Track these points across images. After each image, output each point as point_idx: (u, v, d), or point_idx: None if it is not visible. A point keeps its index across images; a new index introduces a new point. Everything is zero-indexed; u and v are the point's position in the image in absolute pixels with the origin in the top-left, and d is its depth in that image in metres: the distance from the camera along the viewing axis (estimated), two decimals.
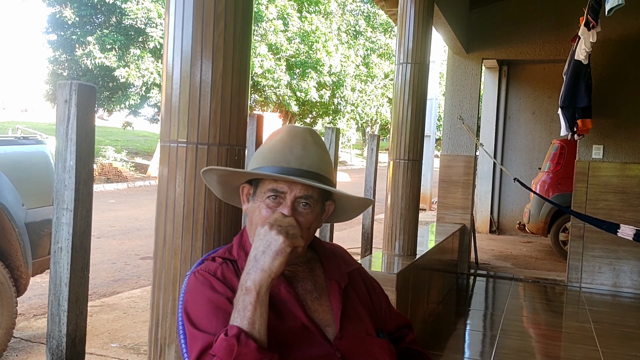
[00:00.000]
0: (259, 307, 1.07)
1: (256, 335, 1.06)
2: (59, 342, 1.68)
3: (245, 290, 1.08)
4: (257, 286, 1.07)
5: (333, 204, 1.36)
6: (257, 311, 1.06)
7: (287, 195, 1.23)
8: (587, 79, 4.95)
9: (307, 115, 22.45)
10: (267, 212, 1.24)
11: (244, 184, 1.33)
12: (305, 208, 1.24)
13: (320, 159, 1.27)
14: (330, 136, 4.02)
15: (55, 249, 1.70)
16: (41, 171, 3.93)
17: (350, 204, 1.40)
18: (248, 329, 1.06)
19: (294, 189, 1.23)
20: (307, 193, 1.24)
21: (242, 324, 1.06)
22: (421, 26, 3.77)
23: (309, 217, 1.25)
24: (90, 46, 15.40)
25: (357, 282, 1.39)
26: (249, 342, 1.04)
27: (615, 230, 4.79)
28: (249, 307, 1.06)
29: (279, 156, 1.25)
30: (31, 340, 3.98)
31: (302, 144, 1.27)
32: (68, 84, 1.66)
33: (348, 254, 1.45)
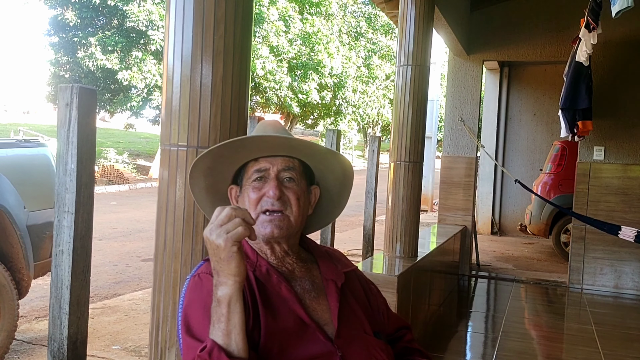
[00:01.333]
0: (233, 316, 1.05)
1: (232, 347, 1.05)
2: (60, 345, 1.68)
3: (218, 302, 1.06)
4: (228, 296, 1.05)
5: (318, 188, 1.39)
6: (230, 321, 1.05)
7: (270, 170, 1.28)
8: (587, 81, 4.95)
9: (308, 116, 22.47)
10: (254, 194, 1.27)
11: (230, 186, 1.35)
12: (290, 183, 1.29)
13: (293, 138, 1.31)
14: (331, 137, 4.03)
15: (57, 252, 1.70)
16: (43, 174, 3.94)
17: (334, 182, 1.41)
18: (223, 342, 1.05)
19: (275, 163, 1.29)
20: (288, 165, 1.29)
21: (217, 336, 1.06)
22: (422, 28, 3.78)
23: (296, 189, 1.29)
24: (92, 48, 15.43)
25: (354, 283, 1.40)
26: (221, 357, 1.04)
27: (617, 232, 4.78)
28: (222, 318, 1.05)
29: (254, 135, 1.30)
30: (33, 342, 3.99)
31: (274, 129, 1.32)
32: (69, 87, 1.66)
33: (344, 257, 1.46)
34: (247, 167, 1.31)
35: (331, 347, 1.22)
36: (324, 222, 1.49)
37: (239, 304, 1.06)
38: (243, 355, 1.06)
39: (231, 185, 1.35)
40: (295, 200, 1.27)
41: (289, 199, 1.27)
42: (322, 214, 1.46)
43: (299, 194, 1.29)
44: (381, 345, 1.33)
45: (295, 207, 1.28)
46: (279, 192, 1.26)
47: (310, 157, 1.34)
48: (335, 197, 1.44)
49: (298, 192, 1.29)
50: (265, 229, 1.26)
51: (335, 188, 1.43)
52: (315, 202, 1.39)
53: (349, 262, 1.45)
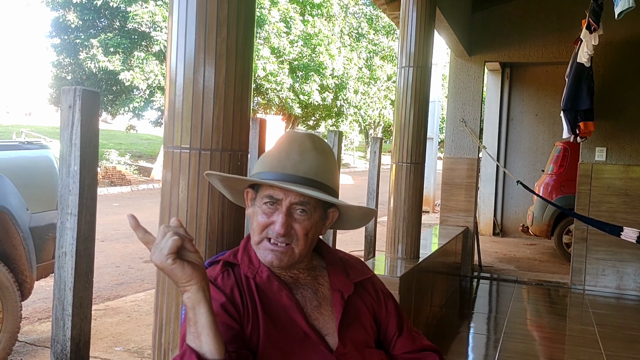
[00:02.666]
0: (199, 318, 1.06)
1: (204, 348, 1.06)
2: (63, 346, 1.69)
3: (185, 307, 1.08)
4: (190, 301, 1.07)
5: (337, 211, 1.34)
6: (198, 324, 1.06)
7: (282, 201, 1.23)
8: (589, 82, 4.95)
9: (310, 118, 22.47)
10: (262, 218, 1.25)
11: (247, 189, 1.33)
12: (302, 215, 1.24)
13: (318, 165, 1.26)
14: (333, 139, 4.03)
15: (60, 254, 1.71)
16: (45, 175, 3.95)
17: (353, 214, 1.38)
18: (195, 345, 1.06)
19: (289, 195, 1.23)
20: (303, 200, 1.24)
21: (190, 340, 1.07)
22: (423, 29, 3.78)
23: (306, 223, 1.25)
24: (94, 50, 15.46)
25: (368, 291, 1.37)
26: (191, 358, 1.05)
27: (619, 233, 4.78)
28: (191, 322, 1.06)
29: (276, 162, 1.26)
30: (35, 344, 4.00)
31: (300, 150, 1.26)
32: (72, 90, 1.67)
33: (361, 264, 1.43)
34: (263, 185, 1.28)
35: (331, 357, 1.21)
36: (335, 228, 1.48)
37: (201, 305, 1.06)
38: (216, 356, 1.05)
39: (248, 188, 1.34)
40: (303, 236, 1.24)
41: (297, 232, 1.24)
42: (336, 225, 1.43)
43: (309, 228, 1.25)
44: (382, 356, 1.33)
45: (302, 241, 1.24)
46: (286, 229, 1.22)
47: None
48: (353, 219, 1.41)
49: (307, 227, 1.25)
50: (266, 257, 1.24)
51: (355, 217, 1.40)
52: (331, 222, 1.35)
53: (366, 270, 1.41)
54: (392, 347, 1.37)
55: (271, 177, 1.24)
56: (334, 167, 1.32)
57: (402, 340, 1.38)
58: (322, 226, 1.32)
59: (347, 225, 1.44)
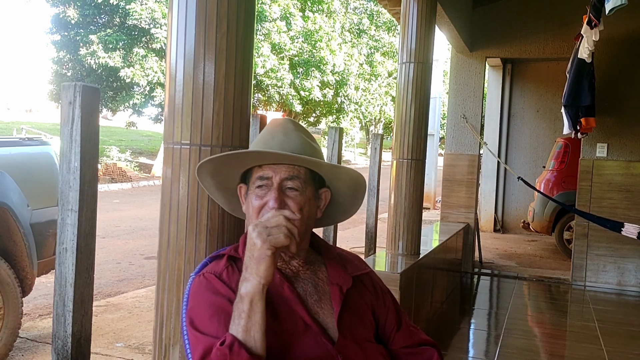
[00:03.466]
0: (254, 314, 1.07)
1: (251, 343, 1.06)
2: (64, 342, 1.69)
3: (240, 298, 1.08)
4: (250, 294, 1.07)
5: (329, 191, 1.35)
6: (251, 319, 1.06)
7: (273, 179, 1.24)
8: (590, 78, 4.95)
9: (310, 114, 22.44)
10: (256, 201, 1.25)
11: (240, 185, 1.34)
12: (293, 192, 1.25)
13: (302, 143, 1.28)
14: (333, 135, 4.02)
15: (60, 250, 1.71)
16: (46, 172, 3.95)
17: (344, 190, 1.38)
18: (242, 337, 1.06)
19: (278, 171, 1.24)
20: (292, 174, 1.25)
21: (237, 332, 1.07)
22: (424, 25, 3.77)
23: (299, 199, 1.25)
24: (94, 46, 15.44)
25: (366, 286, 1.38)
26: (241, 352, 1.04)
27: (619, 229, 4.78)
28: (243, 315, 1.07)
29: (262, 144, 1.27)
30: (37, 340, 4.01)
31: (284, 131, 1.29)
32: (72, 86, 1.66)
33: (359, 260, 1.43)
34: (252, 169, 1.29)
35: (333, 350, 1.21)
36: (334, 221, 1.47)
37: (260, 303, 1.07)
38: (261, 352, 1.06)
39: (240, 184, 1.34)
40: (297, 211, 1.24)
41: (291, 209, 1.24)
42: (334, 213, 1.43)
43: (302, 203, 1.25)
44: (381, 350, 1.33)
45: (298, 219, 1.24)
46: (279, 204, 1.22)
47: (316, 167, 1.30)
48: (347, 200, 1.41)
49: (301, 202, 1.25)
50: None
51: (347, 194, 1.39)
52: (325, 204, 1.35)
53: (363, 265, 1.42)
54: (390, 342, 1.38)
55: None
56: (319, 150, 1.33)
57: (400, 335, 1.39)
58: (316, 207, 1.32)
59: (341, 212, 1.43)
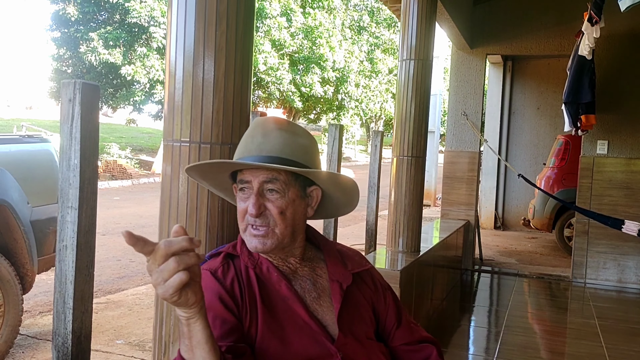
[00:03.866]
0: (194, 334, 1.00)
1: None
2: (64, 339, 1.69)
3: (178, 319, 1.01)
4: (184, 319, 0.99)
5: (319, 188, 1.31)
6: (193, 339, 1.00)
7: (252, 183, 1.22)
8: (590, 75, 4.94)
9: (311, 111, 22.45)
10: (240, 205, 1.25)
11: (234, 184, 1.32)
12: (273, 194, 1.22)
13: (283, 143, 1.23)
14: (334, 132, 4.02)
15: (60, 247, 1.71)
16: (46, 169, 3.95)
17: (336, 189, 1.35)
18: (188, 357, 1.02)
19: (257, 174, 1.22)
20: (271, 176, 1.22)
21: (183, 351, 1.03)
22: (424, 22, 3.76)
23: (279, 202, 1.22)
24: (94, 43, 15.43)
25: (366, 283, 1.37)
26: None
27: (620, 226, 4.78)
28: (185, 336, 1.01)
29: (242, 148, 1.26)
30: (37, 337, 4.01)
31: (263, 132, 1.25)
32: (72, 83, 1.66)
33: (359, 256, 1.42)
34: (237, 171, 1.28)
35: (332, 348, 1.21)
36: (335, 214, 1.45)
37: (198, 323, 0.99)
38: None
39: (234, 183, 1.33)
40: (277, 215, 1.21)
41: (272, 213, 1.22)
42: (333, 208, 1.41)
43: (284, 206, 1.22)
44: (382, 348, 1.33)
45: (279, 221, 1.22)
46: (257, 209, 1.20)
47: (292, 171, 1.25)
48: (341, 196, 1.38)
49: (282, 205, 1.22)
50: (251, 242, 1.23)
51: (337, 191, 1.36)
52: (317, 202, 1.32)
53: (364, 262, 1.40)
54: (390, 339, 1.38)
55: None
56: (307, 145, 1.28)
57: (400, 332, 1.39)
58: (305, 206, 1.29)
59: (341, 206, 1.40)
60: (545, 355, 3.86)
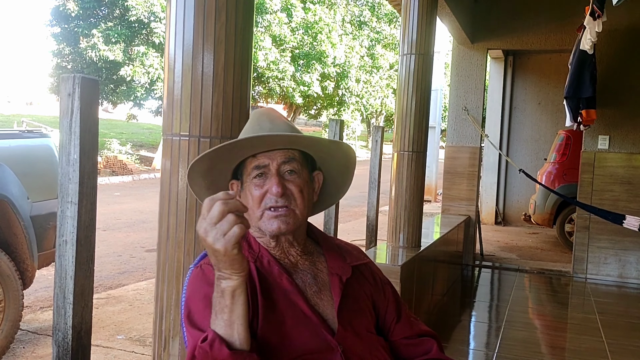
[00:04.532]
0: (236, 307, 1.03)
1: (234, 337, 1.04)
2: (65, 335, 1.69)
3: (221, 293, 1.04)
4: (232, 287, 1.03)
5: (321, 173, 1.35)
6: (234, 312, 1.03)
7: (270, 166, 1.23)
8: (592, 69, 4.92)
9: (311, 107, 22.42)
10: (257, 191, 1.24)
11: (231, 182, 1.31)
12: (292, 175, 1.25)
13: (290, 128, 1.27)
14: (334, 128, 4.01)
15: (61, 242, 1.70)
16: (46, 164, 3.94)
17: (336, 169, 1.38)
18: (225, 332, 1.04)
19: (274, 157, 1.24)
20: (289, 156, 1.24)
21: (219, 327, 1.04)
22: (425, 17, 3.75)
23: (298, 181, 1.25)
24: (95, 39, 15.39)
25: (366, 277, 1.37)
26: (222, 349, 1.02)
27: (621, 221, 4.77)
28: (226, 309, 1.03)
29: (251, 133, 1.25)
30: (37, 332, 4.02)
31: (269, 118, 1.27)
32: (71, 78, 1.65)
33: (358, 250, 1.43)
34: (245, 162, 1.27)
35: (332, 341, 1.21)
36: (327, 204, 1.46)
37: (242, 295, 1.04)
38: (245, 346, 1.04)
39: (232, 180, 1.32)
40: (299, 194, 1.24)
41: (292, 193, 1.23)
42: (325, 196, 1.43)
43: (302, 186, 1.25)
44: (382, 342, 1.32)
45: (299, 200, 1.24)
46: (282, 188, 1.22)
47: (310, 147, 1.30)
48: (338, 179, 1.41)
49: (301, 185, 1.25)
50: (272, 225, 1.23)
51: (338, 171, 1.40)
52: (319, 187, 1.36)
53: (362, 256, 1.41)
54: (390, 333, 1.38)
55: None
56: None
57: (400, 326, 1.38)
58: (312, 190, 1.32)
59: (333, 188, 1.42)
60: (546, 350, 3.86)
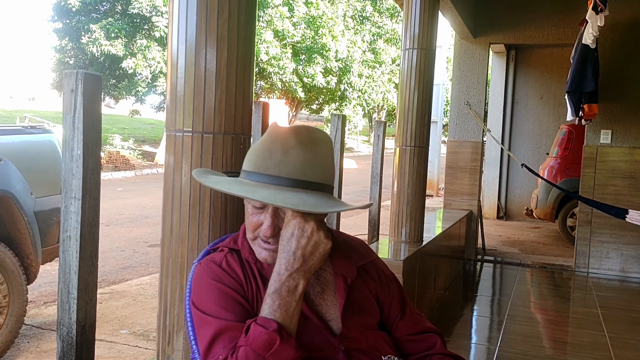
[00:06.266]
0: (300, 304, 1.11)
1: (294, 332, 1.09)
2: (69, 329, 1.70)
3: (294, 289, 1.09)
4: (304, 286, 1.10)
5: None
6: (297, 308, 1.10)
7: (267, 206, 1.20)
8: (594, 64, 4.91)
9: (313, 101, 22.38)
10: (252, 218, 1.22)
11: None
12: None
13: (304, 162, 1.16)
14: (336, 123, 4.01)
15: (64, 238, 1.71)
16: (49, 160, 3.95)
17: None
18: (289, 325, 1.07)
19: None
20: None
21: (282, 319, 1.07)
22: (427, 11, 3.74)
23: None
24: (96, 34, 15.38)
25: (370, 275, 1.37)
26: (290, 339, 1.06)
27: (624, 216, 4.77)
28: (293, 304, 1.08)
29: (260, 162, 1.18)
30: (42, 327, 4.04)
31: (282, 148, 1.17)
32: (74, 73, 1.66)
33: (365, 246, 1.42)
34: None
35: (334, 341, 1.21)
36: None
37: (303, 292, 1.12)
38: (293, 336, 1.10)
39: None
40: None
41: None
42: None
43: None
44: (385, 337, 1.33)
45: None
46: (272, 230, 1.19)
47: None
48: None
49: None
50: (260, 254, 1.23)
51: None
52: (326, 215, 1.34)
53: (369, 253, 1.40)
54: (394, 329, 1.38)
55: (254, 179, 1.18)
56: (326, 159, 1.22)
57: (404, 323, 1.38)
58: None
59: None
60: (548, 344, 3.87)
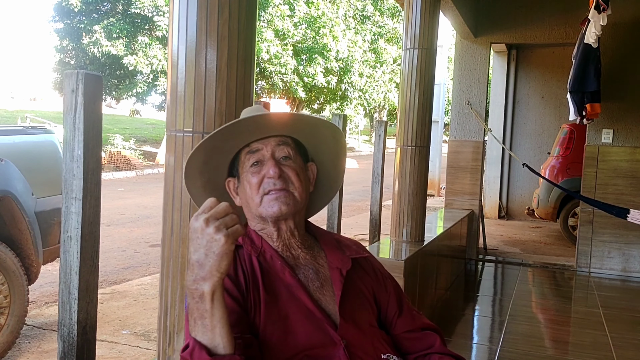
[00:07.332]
0: (217, 311, 1.01)
1: (217, 341, 1.02)
2: (70, 330, 1.70)
3: (200, 298, 1.01)
4: (211, 292, 1.00)
5: (314, 164, 1.38)
6: (214, 316, 1.01)
7: (264, 151, 1.28)
8: (596, 63, 4.89)
9: (314, 101, 22.39)
10: (254, 178, 1.26)
11: (227, 179, 1.33)
12: (287, 160, 1.29)
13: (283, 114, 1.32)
14: (337, 122, 4.01)
15: (65, 238, 1.71)
16: (50, 160, 3.96)
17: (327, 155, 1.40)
18: (206, 337, 1.02)
19: (268, 143, 1.28)
20: (282, 140, 1.29)
21: (199, 333, 1.03)
22: (428, 11, 3.73)
23: (293, 166, 1.29)
24: (97, 34, 15.40)
25: (366, 271, 1.38)
26: (201, 355, 1.01)
27: (625, 215, 4.76)
28: (206, 314, 1.01)
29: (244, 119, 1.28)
30: (43, 327, 4.04)
31: (258, 109, 1.31)
32: (75, 74, 1.66)
33: (357, 245, 1.43)
34: (240, 155, 1.31)
35: (336, 335, 1.21)
36: (325, 199, 1.47)
37: (221, 297, 1.02)
38: (228, 350, 1.02)
39: (228, 178, 1.34)
40: (295, 176, 1.27)
41: (289, 176, 1.27)
42: (322, 190, 1.44)
43: (298, 170, 1.29)
44: (384, 336, 1.33)
45: (297, 183, 1.27)
46: (279, 170, 1.25)
47: (301, 131, 1.33)
48: (332, 170, 1.43)
49: (296, 169, 1.29)
50: (272, 207, 1.25)
51: (330, 160, 1.42)
52: (314, 178, 1.38)
53: (361, 250, 1.41)
54: (392, 327, 1.38)
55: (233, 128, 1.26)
56: None
57: (402, 320, 1.38)
58: (308, 179, 1.35)
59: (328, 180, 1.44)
60: (550, 344, 3.87)
